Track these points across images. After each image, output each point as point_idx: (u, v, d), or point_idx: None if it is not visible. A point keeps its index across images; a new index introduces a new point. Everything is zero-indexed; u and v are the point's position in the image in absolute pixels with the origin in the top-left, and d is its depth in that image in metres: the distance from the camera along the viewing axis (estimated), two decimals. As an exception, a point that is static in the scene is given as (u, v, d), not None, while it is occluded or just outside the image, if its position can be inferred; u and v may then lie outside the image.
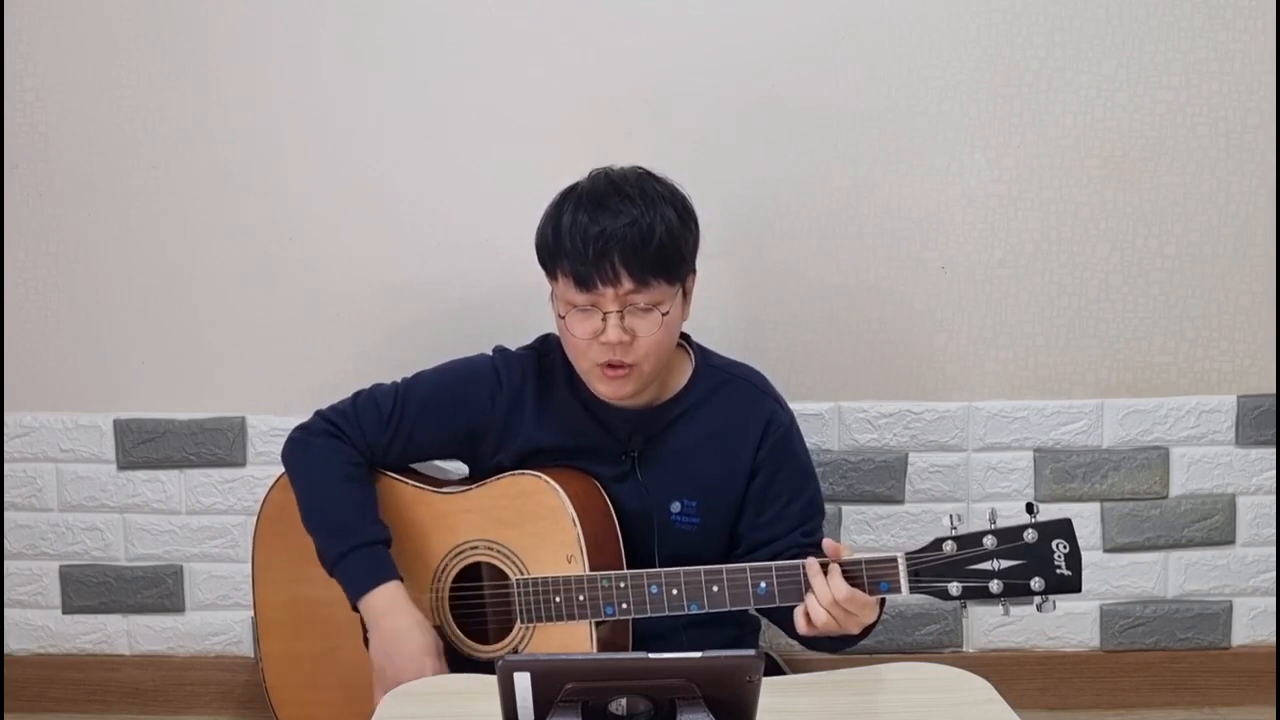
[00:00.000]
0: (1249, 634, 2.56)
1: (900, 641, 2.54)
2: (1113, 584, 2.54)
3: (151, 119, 2.44)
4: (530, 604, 1.84)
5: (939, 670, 1.67)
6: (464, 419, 1.96)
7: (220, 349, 2.51)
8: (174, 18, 2.41)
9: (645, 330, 1.81)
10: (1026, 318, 2.47)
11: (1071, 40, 2.39)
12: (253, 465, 2.52)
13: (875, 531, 2.52)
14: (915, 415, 2.50)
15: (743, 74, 2.39)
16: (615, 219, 1.78)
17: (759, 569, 1.74)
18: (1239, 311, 2.48)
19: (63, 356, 2.52)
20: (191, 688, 2.59)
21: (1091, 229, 2.45)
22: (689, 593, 1.77)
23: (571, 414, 1.94)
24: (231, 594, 2.56)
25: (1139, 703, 2.56)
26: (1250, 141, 2.42)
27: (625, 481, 1.93)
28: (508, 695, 1.26)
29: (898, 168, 2.42)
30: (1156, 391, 2.50)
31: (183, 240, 2.47)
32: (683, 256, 1.84)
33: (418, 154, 2.43)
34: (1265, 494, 2.52)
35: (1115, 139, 2.42)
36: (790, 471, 1.94)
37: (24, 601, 2.59)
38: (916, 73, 2.40)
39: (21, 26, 2.42)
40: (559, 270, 1.83)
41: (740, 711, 1.28)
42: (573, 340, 1.85)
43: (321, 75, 2.42)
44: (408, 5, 2.39)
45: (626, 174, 1.86)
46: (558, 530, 1.83)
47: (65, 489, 2.56)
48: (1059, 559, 1.60)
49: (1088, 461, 2.51)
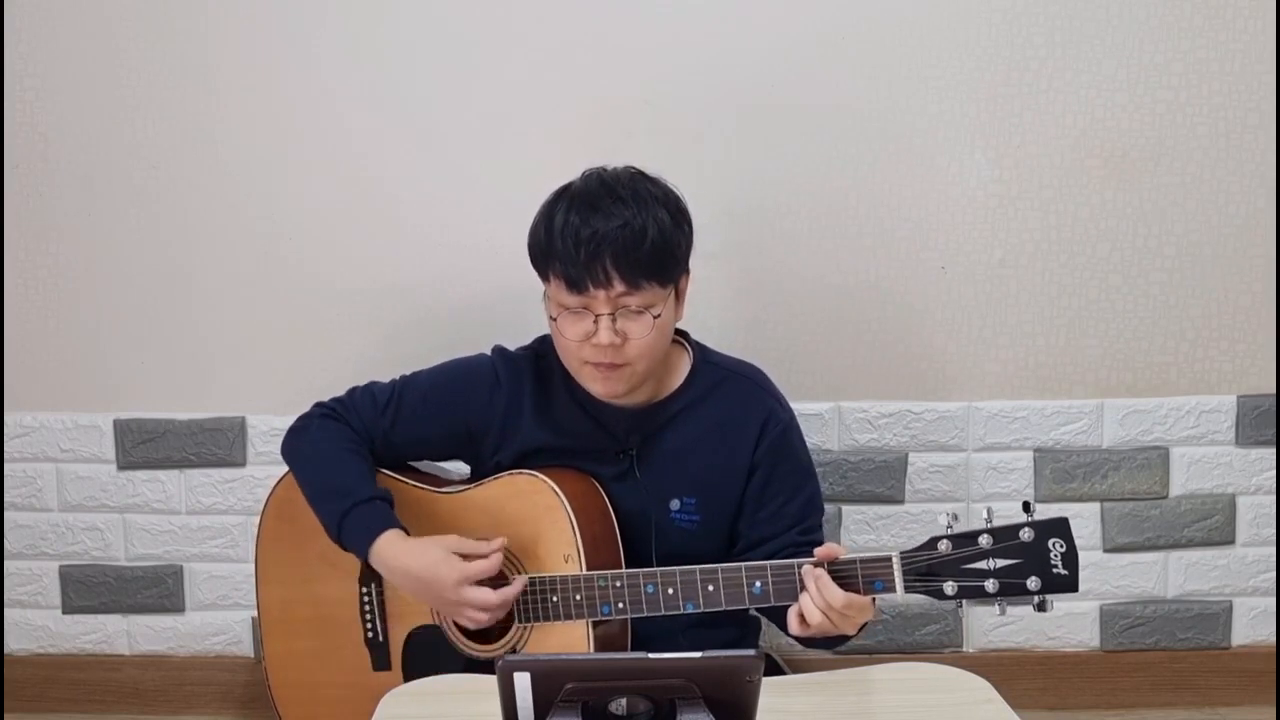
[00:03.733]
0: (1249, 634, 2.56)
1: (900, 641, 2.54)
2: (1113, 584, 2.54)
3: (151, 119, 2.44)
4: (527, 603, 1.84)
5: (939, 670, 1.67)
6: (463, 416, 1.96)
7: (220, 349, 2.51)
8: (174, 18, 2.41)
9: (637, 333, 1.80)
10: (1026, 318, 2.47)
11: (1071, 40, 2.39)
12: (253, 465, 2.52)
13: (875, 531, 2.52)
14: (915, 415, 2.50)
15: (743, 74, 2.39)
16: (607, 221, 1.77)
17: (754, 569, 1.74)
18: (1239, 311, 2.48)
19: (63, 356, 2.52)
20: (191, 688, 2.59)
21: (1091, 229, 2.45)
22: (685, 592, 1.77)
23: (569, 413, 1.94)
24: (231, 594, 2.56)
25: (1139, 703, 2.56)
26: (1250, 141, 2.42)
27: (624, 480, 1.93)
28: (508, 695, 1.26)
29: (898, 168, 2.42)
30: (1156, 391, 2.50)
31: (183, 240, 2.48)
32: (675, 258, 1.84)
33: (418, 154, 2.43)
34: (1265, 494, 2.52)
35: (1115, 139, 2.42)
36: (789, 469, 1.94)
37: (24, 601, 2.59)
38: (916, 73, 2.40)
39: (21, 26, 2.43)
40: (551, 272, 1.82)
41: (740, 711, 1.28)
42: (564, 341, 1.84)
43: (322, 75, 2.42)
44: (408, 6, 2.39)
45: (619, 174, 1.85)
46: (555, 530, 1.83)
47: (65, 489, 2.56)
48: (1055, 558, 1.58)
49: (1088, 461, 2.51)
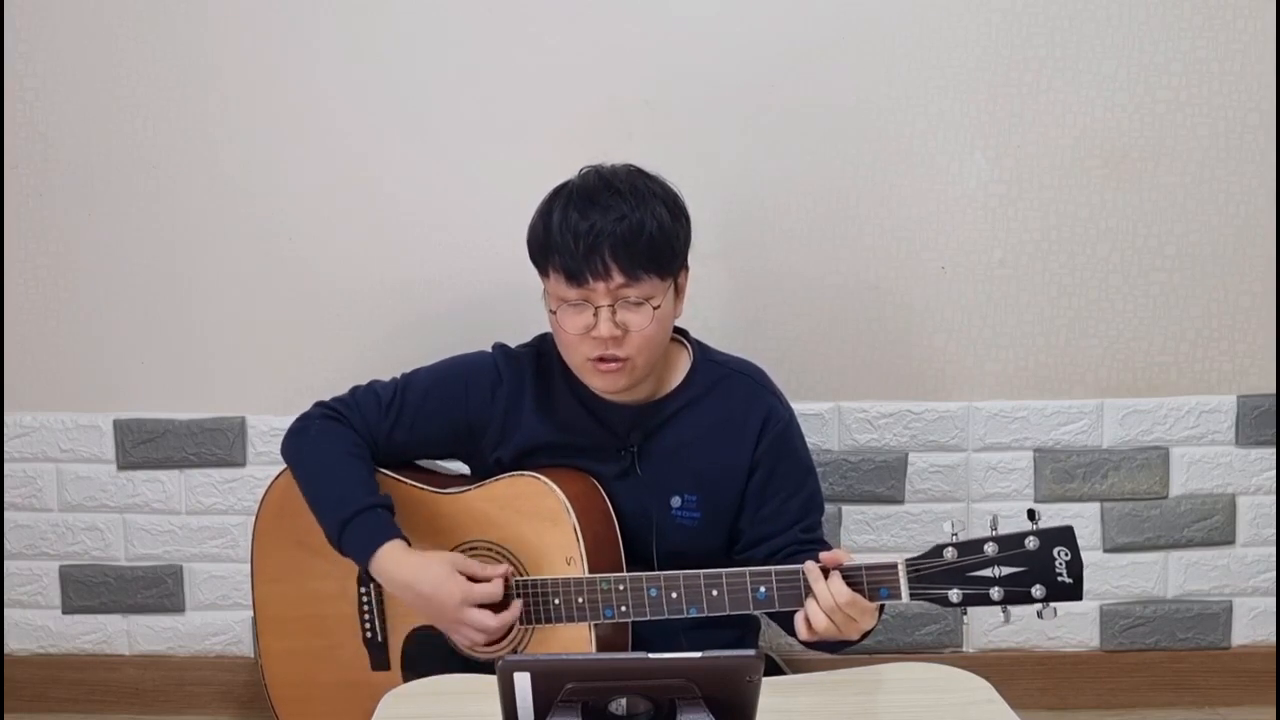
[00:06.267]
0: (1249, 634, 2.56)
1: (900, 642, 2.54)
2: (1113, 584, 2.54)
3: (151, 119, 2.44)
4: (529, 606, 1.84)
5: (939, 670, 1.67)
6: (464, 413, 1.96)
7: (220, 349, 2.51)
8: (174, 18, 2.41)
9: (637, 324, 1.81)
10: (1026, 318, 2.47)
11: (1071, 40, 2.39)
12: (253, 465, 2.52)
13: (875, 532, 2.52)
14: (915, 415, 2.50)
15: (743, 74, 2.39)
16: (605, 215, 1.78)
17: (758, 573, 1.74)
18: (1239, 311, 2.48)
19: (63, 356, 2.52)
20: (191, 688, 2.58)
21: (1091, 229, 2.45)
22: (688, 596, 1.76)
23: (570, 411, 1.94)
24: (231, 594, 2.56)
25: (1139, 703, 2.55)
26: (1250, 141, 2.42)
27: (625, 477, 1.92)
28: (508, 695, 1.26)
29: (898, 168, 2.42)
30: (1156, 391, 2.50)
31: (183, 240, 2.48)
32: (674, 251, 1.84)
33: (417, 154, 2.43)
34: (1265, 494, 2.52)
35: (1115, 139, 2.42)
36: (789, 467, 1.94)
37: (24, 601, 2.59)
38: (916, 73, 2.40)
39: (21, 26, 2.43)
40: (550, 266, 1.83)
41: (740, 711, 1.28)
42: (564, 335, 1.84)
43: (321, 75, 2.42)
44: (407, 5, 2.39)
45: (617, 171, 1.86)
46: (557, 532, 1.83)
47: (65, 489, 2.56)
48: (1060, 566, 1.58)
49: (1088, 461, 2.51)
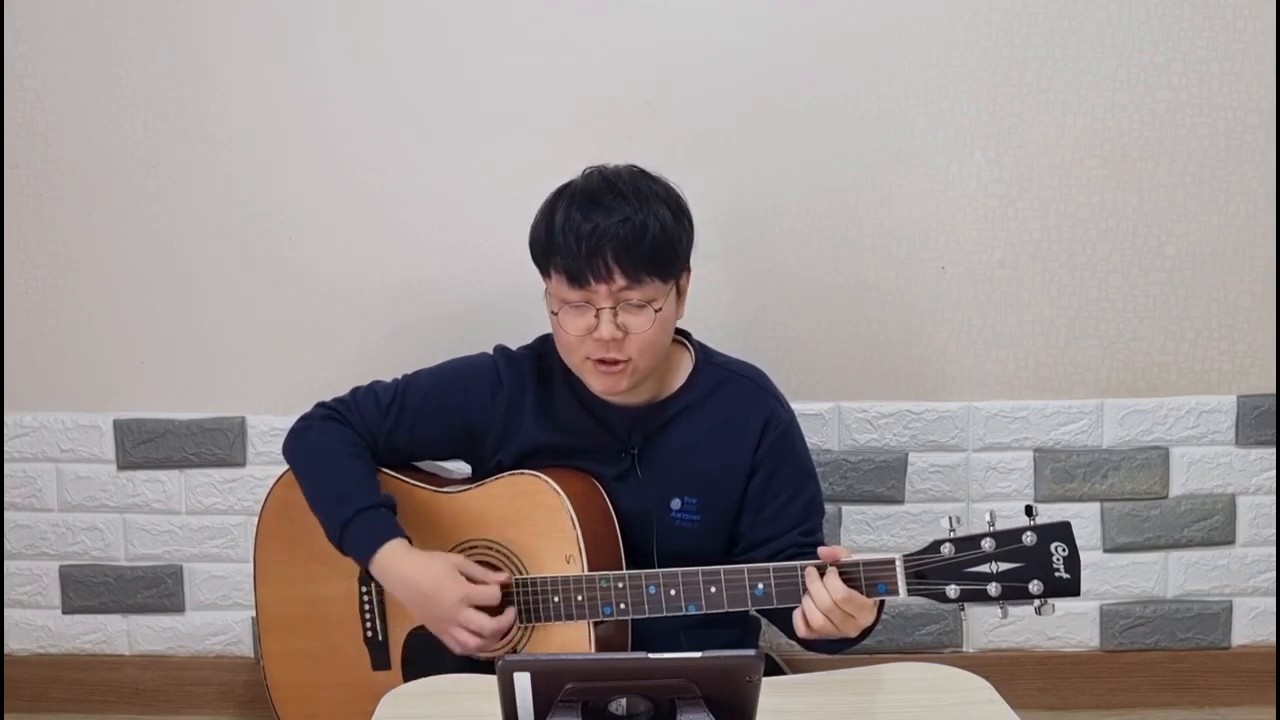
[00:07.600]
0: (1249, 634, 2.56)
1: (900, 641, 2.54)
2: (1113, 584, 2.54)
3: (151, 119, 2.44)
4: (529, 604, 1.84)
5: (939, 670, 1.67)
6: (464, 415, 1.96)
7: (220, 349, 2.51)
8: (173, 18, 2.41)
9: (638, 327, 1.81)
10: (1026, 318, 2.47)
11: (1071, 40, 2.39)
12: (253, 465, 2.52)
13: (875, 531, 2.52)
14: (915, 415, 2.50)
15: (743, 74, 2.39)
16: (608, 216, 1.78)
17: (756, 570, 1.74)
18: (1239, 311, 2.48)
19: (63, 356, 2.52)
20: (191, 688, 2.58)
21: (1091, 229, 2.45)
22: (687, 594, 1.77)
23: (571, 413, 1.94)
24: (231, 594, 2.56)
25: (1139, 703, 2.55)
26: (1250, 141, 2.42)
27: (625, 479, 1.92)
28: (508, 695, 1.26)
29: (898, 168, 2.42)
30: (1156, 391, 2.50)
31: (183, 240, 2.47)
32: (676, 254, 1.84)
33: (418, 154, 2.43)
34: (1265, 494, 2.52)
35: (1115, 139, 2.42)
36: (790, 470, 1.94)
37: (24, 601, 2.59)
38: (916, 73, 2.40)
39: (21, 26, 2.43)
40: (552, 267, 1.82)
41: (740, 711, 1.28)
42: (565, 337, 1.84)
43: (321, 75, 2.42)
44: (408, 6, 2.39)
45: (620, 172, 1.85)
46: (557, 530, 1.83)
47: (65, 489, 2.56)
48: (1058, 562, 1.59)
49: (1088, 461, 2.51)
